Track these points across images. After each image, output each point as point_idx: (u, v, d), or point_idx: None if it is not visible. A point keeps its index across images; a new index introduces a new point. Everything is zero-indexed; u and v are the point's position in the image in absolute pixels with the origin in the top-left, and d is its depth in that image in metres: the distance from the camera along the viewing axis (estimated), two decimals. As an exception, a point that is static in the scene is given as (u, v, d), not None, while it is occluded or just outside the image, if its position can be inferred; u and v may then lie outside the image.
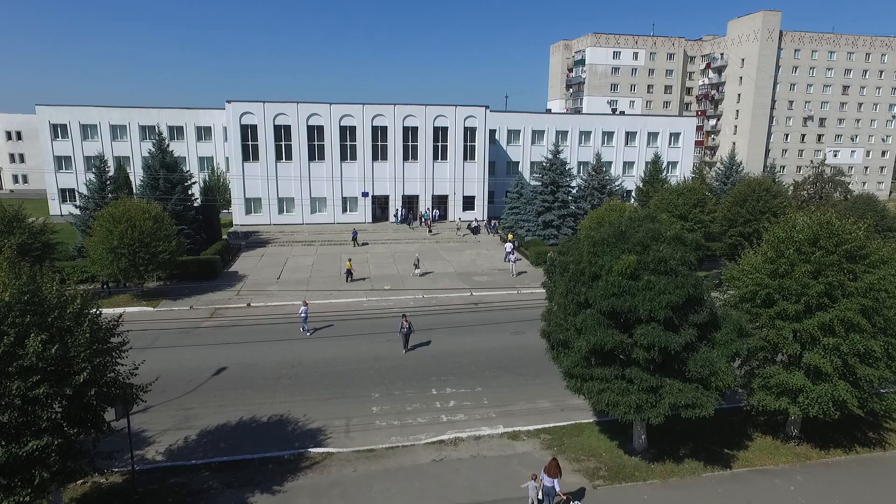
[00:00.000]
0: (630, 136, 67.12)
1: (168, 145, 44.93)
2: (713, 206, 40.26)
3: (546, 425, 18.62)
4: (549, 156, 49.46)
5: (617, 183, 52.86)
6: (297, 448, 17.39)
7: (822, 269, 15.05)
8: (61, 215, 58.71)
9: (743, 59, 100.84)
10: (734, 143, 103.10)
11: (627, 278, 13.51)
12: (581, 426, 18.48)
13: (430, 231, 53.04)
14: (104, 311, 29.14)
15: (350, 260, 39.28)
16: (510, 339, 26.91)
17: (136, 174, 51.76)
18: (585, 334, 13.84)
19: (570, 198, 48.92)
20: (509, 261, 41.02)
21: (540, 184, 48.58)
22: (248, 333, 27.76)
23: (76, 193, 55.63)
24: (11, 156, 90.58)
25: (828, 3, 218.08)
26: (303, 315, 27.33)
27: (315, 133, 53.58)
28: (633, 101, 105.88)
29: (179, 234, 35.34)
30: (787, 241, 16.01)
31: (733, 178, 54.19)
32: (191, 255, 38.56)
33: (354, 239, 49.06)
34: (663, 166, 57.15)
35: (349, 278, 37.57)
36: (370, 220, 56.12)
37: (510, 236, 46.52)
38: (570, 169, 50.37)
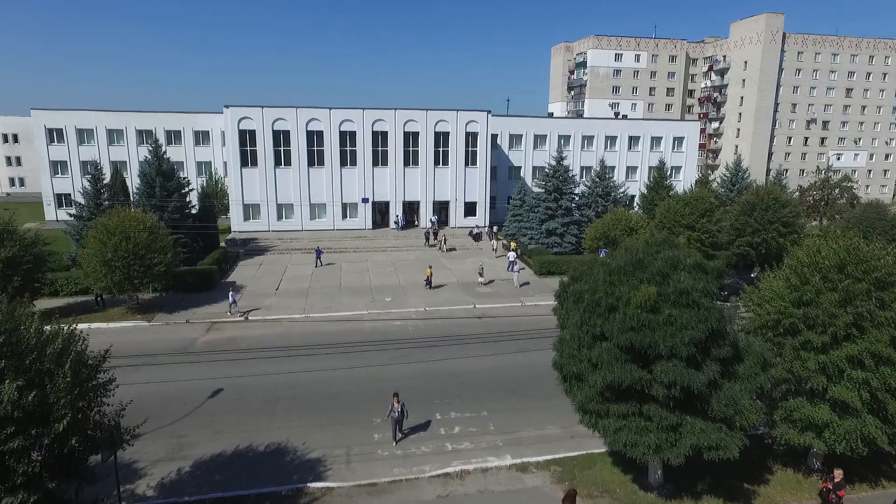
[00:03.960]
0: (633, 141, 66.37)
1: (165, 152, 44.05)
2: (720, 215, 39.46)
3: (556, 456, 17.79)
4: (553, 162, 48.66)
5: (621, 190, 52.04)
6: (295, 482, 16.54)
7: (851, 298, 14.23)
8: (57, 220, 57.96)
9: (746, 62, 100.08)
10: (737, 146, 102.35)
11: (647, 311, 12.70)
12: (593, 457, 17.65)
13: (440, 248, 49.72)
14: (99, 325, 28.06)
15: (430, 267, 38.92)
16: (515, 357, 26.08)
17: (133, 179, 50.99)
18: (602, 370, 13.02)
19: (573, 205, 48.09)
20: (512, 270, 40.24)
21: (543, 191, 47.74)
22: (246, 350, 26.91)
23: (72, 199, 54.86)
24: (8, 159, 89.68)
25: (831, 5, 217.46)
26: (231, 300, 31.66)
27: (314, 138, 52.78)
28: (635, 104, 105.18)
29: (176, 243, 34.53)
30: (812, 267, 15.17)
31: (739, 184, 53.39)
32: (188, 264, 37.73)
33: (318, 257, 43.67)
34: (668, 172, 56.32)
35: (429, 285, 37.50)
36: (370, 227, 55.33)
37: (513, 245, 45.66)
38: (573, 175, 49.54)
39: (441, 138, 55.14)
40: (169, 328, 30.14)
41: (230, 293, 32.06)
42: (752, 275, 40.50)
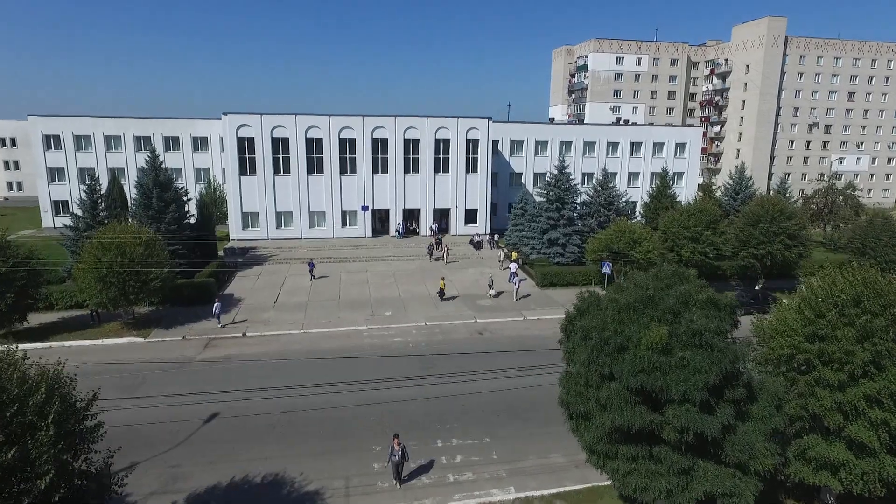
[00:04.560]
0: (635, 147, 65.83)
1: (162, 161, 43.45)
2: (725, 227, 38.86)
3: (561, 489, 17.30)
4: (555, 171, 48.06)
5: (624, 199, 51.41)
6: (292, 519, 16.06)
7: (869, 335, 13.69)
8: (54, 227, 57.29)
9: (748, 66, 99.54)
10: (738, 150, 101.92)
11: (658, 353, 12.17)
12: (599, 490, 17.15)
13: (443, 258, 48.31)
14: (94, 342, 27.42)
15: (443, 279, 38.89)
16: (517, 378, 25.43)
17: (131, 187, 50.43)
18: (611, 412, 12.51)
19: (575, 214, 47.47)
20: (513, 282, 39.64)
21: (545, 199, 47.15)
22: (242, 370, 26.36)
23: (69, 208, 54.31)
24: (6, 163, 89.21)
25: (833, 8, 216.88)
26: (217, 311, 31.71)
27: (314, 145, 52.23)
28: (637, 108, 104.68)
29: (173, 255, 33.98)
30: (827, 300, 14.62)
31: (743, 193, 52.82)
32: (185, 276, 37.21)
33: (311, 271, 42.34)
34: (670, 180, 55.74)
35: (442, 297, 37.55)
36: (370, 235, 54.78)
37: (514, 255, 45.09)
38: (575, 184, 48.91)
39: (441, 145, 54.62)
40: (165, 345, 29.58)
41: (216, 304, 31.99)
42: (757, 287, 40.03)
